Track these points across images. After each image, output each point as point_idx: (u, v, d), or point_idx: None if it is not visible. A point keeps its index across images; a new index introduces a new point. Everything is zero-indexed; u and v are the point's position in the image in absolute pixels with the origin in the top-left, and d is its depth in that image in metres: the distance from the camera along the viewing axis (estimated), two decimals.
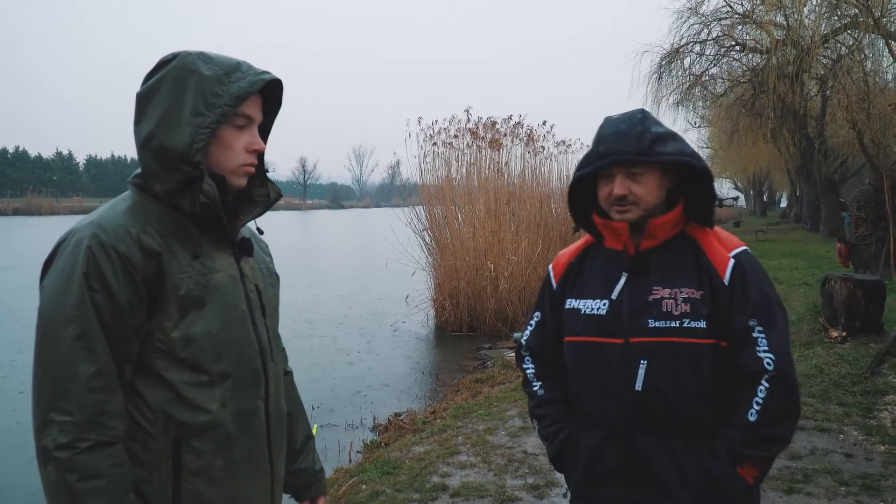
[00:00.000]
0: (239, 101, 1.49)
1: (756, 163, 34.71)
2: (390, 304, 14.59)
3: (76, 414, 1.33)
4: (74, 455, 1.32)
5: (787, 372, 1.67)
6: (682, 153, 1.75)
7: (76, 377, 1.34)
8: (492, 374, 8.35)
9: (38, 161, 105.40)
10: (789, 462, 4.57)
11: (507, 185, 13.23)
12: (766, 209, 57.33)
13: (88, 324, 1.36)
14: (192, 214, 1.50)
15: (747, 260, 1.75)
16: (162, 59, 1.53)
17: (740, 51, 21.85)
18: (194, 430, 1.44)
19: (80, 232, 1.42)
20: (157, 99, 1.48)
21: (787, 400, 1.68)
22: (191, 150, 1.45)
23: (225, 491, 1.50)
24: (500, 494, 4.34)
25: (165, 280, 1.43)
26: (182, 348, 1.44)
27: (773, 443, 1.68)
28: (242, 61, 1.55)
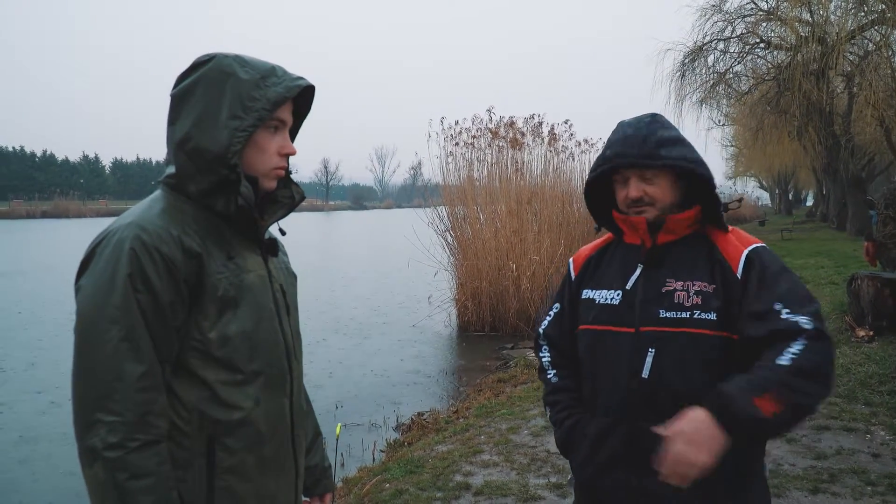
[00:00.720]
0: (276, 106, 1.52)
1: (781, 161, 34.35)
2: (413, 305, 14.64)
3: (126, 414, 1.34)
4: (125, 454, 1.33)
5: (827, 335, 1.62)
6: (684, 158, 1.78)
7: (123, 377, 1.35)
8: (514, 374, 8.35)
9: (65, 164, 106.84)
10: (815, 462, 4.54)
11: (528, 185, 13.21)
12: (792, 208, 56.74)
13: (134, 324, 1.37)
14: (224, 215, 1.52)
15: (763, 253, 1.75)
16: (197, 61, 1.54)
17: (765, 48, 21.62)
18: (228, 427, 1.47)
19: (119, 232, 1.43)
20: (194, 100, 1.50)
21: (824, 361, 1.59)
22: (228, 152, 1.47)
23: (255, 487, 1.53)
24: (523, 493, 4.35)
25: (205, 280, 1.45)
26: (218, 348, 1.46)
27: (800, 394, 1.55)
28: (277, 65, 1.57)
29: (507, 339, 11.44)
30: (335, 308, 15.03)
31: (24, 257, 26.26)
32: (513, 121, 13.14)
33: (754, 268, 1.73)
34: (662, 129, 1.81)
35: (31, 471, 6.06)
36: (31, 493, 5.65)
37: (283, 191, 1.65)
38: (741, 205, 1.88)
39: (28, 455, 6.40)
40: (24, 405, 7.87)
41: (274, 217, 1.63)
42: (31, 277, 19.80)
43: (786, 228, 29.31)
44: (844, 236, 24.25)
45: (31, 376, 9.12)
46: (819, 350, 1.59)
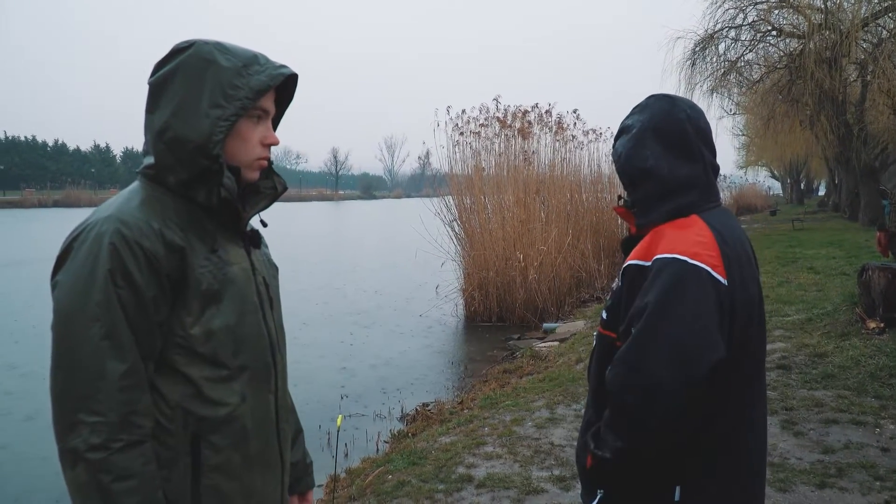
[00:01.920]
0: (259, 95, 1.48)
1: (793, 150, 34.01)
2: (420, 295, 14.59)
3: (109, 414, 1.31)
4: (108, 456, 1.30)
5: (612, 386, 1.61)
6: (613, 151, 1.85)
7: (105, 376, 1.31)
8: (520, 365, 8.31)
9: (76, 154, 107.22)
10: (822, 456, 4.47)
11: (535, 175, 13.13)
12: (804, 197, 56.26)
13: (115, 322, 1.33)
14: (206, 207, 1.48)
15: (657, 266, 1.61)
16: (176, 47, 1.49)
17: (777, 36, 21.37)
18: (214, 424, 1.44)
19: (98, 226, 1.38)
20: (173, 89, 1.45)
21: (612, 414, 1.63)
22: (210, 142, 1.43)
23: (242, 485, 1.49)
24: (526, 486, 4.32)
25: (188, 275, 1.41)
26: (202, 343, 1.43)
27: (602, 445, 1.65)
28: (259, 53, 1.53)
29: (514, 329, 11.39)
30: (342, 298, 15.03)
31: (39, 246, 26.37)
32: (521, 110, 13.05)
33: (629, 281, 1.69)
34: (629, 116, 1.82)
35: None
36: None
37: (265, 181, 1.61)
38: (621, 201, 1.83)
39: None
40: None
41: (256, 208, 1.59)
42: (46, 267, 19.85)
43: (797, 218, 29.04)
44: (857, 226, 24.01)
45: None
46: (612, 404, 1.63)
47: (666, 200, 1.72)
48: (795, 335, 7.79)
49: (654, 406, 1.54)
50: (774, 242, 20.18)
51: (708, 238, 1.64)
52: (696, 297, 1.56)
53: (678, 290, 1.56)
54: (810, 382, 6.03)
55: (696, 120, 1.77)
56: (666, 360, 1.52)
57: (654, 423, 1.55)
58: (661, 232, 1.68)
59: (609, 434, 1.62)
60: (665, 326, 1.54)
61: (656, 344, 1.54)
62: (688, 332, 1.54)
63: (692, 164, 1.74)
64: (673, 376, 1.52)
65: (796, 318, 8.69)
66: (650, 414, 1.54)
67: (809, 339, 7.48)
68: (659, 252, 1.62)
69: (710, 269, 1.58)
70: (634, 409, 1.56)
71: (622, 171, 1.79)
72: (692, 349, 1.53)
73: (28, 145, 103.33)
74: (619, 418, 1.60)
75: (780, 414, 5.29)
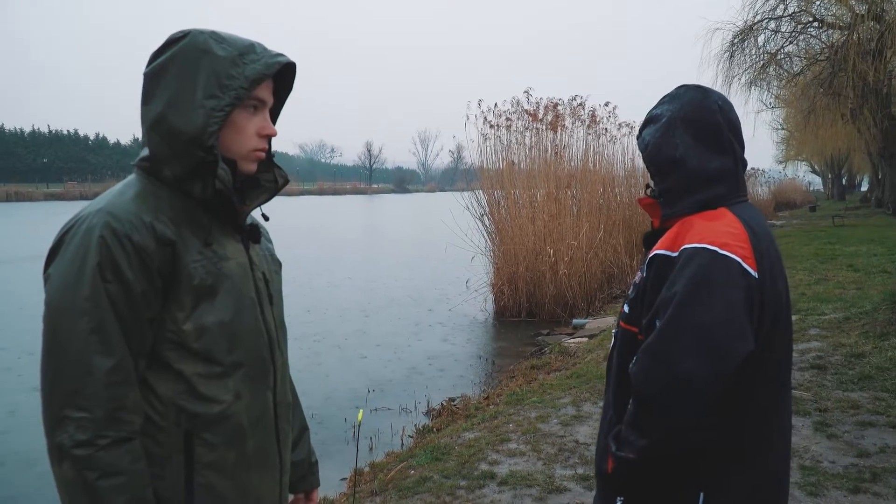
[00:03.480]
0: (254, 84, 1.44)
1: (834, 144, 33.31)
2: (450, 289, 14.57)
3: (94, 410, 1.29)
4: (94, 452, 1.28)
5: (638, 380, 1.54)
6: (640, 139, 1.78)
7: (92, 372, 1.29)
8: (548, 361, 8.22)
9: (116, 147, 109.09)
10: (856, 460, 4.33)
11: (567, 169, 12.98)
12: (845, 193, 54.99)
13: (103, 317, 1.31)
14: (201, 200, 1.45)
15: (684, 256, 1.56)
16: (171, 38, 1.46)
17: (818, 27, 20.85)
18: (207, 422, 1.41)
19: (89, 219, 1.36)
20: (167, 79, 1.41)
21: (636, 410, 1.56)
22: (204, 133, 1.39)
23: (237, 484, 1.46)
24: (549, 484, 4.26)
25: (180, 269, 1.38)
26: (195, 339, 1.40)
27: (622, 445, 1.59)
28: (256, 42, 1.49)
29: (543, 325, 11.28)
30: (371, 291, 15.08)
31: None
32: (552, 103, 12.89)
33: (655, 272, 1.63)
34: (659, 106, 1.78)
35: None
36: None
37: (266, 174, 1.57)
38: (648, 191, 1.76)
39: None
40: None
41: (256, 202, 1.55)
42: None
43: (838, 214, 28.39)
44: None
45: None
46: (636, 401, 1.57)
47: (695, 192, 1.68)
48: (832, 334, 7.59)
49: (681, 399, 1.48)
50: (813, 239, 19.75)
51: (739, 230, 1.59)
52: (726, 287, 1.51)
53: (707, 280, 1.51)
54: (846, 383, 5.86)
55: (728, 112, 1.73)
56: (694, 351, 1.47)
57: (682, 417, 1.49)
58: (690, 222, 1.63)
59: (631, 432, 1.56)
60: (693, 316, 1.49)
61: (684, 334, 1.49)
62: (717, 323, 1.48)
63: (722, 156, 1.70)
64: (701, 368, 1.46)
65: (833, 316, 8.47)
66: (677, 408, 1.48)
67: (846, 339, 7.28)
68: (687, 242, 1.57)
69: (741, 261, 1.54)
70: (660, 403, 1.50)
71: (650, 160, 1.74)
72: (721, 340, 1.47)
73: (70, 139, 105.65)
74: (643, 413, 1.54)
75: (814, 415, 5.15)
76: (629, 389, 1.62)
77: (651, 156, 1.73)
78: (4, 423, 6.74)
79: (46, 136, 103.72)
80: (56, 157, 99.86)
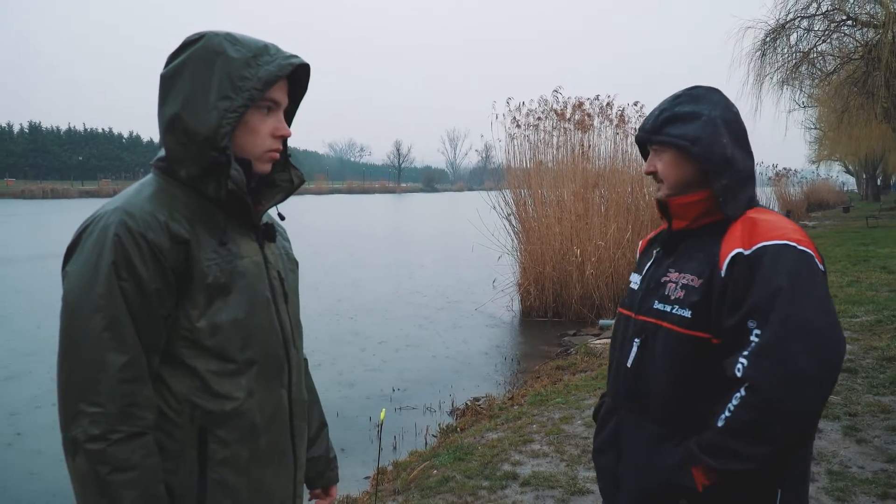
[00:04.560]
0: (267, 86, 1.46)
1: (869, 144, 32.65)
2: (476, 288, 14.56)
3: (108, 405, 1.31)
4: (107, 447, 1.30)
5: (761, 383, 1.47)
6: (681, 135, 1.70)
7: (106, 368, 1.32)
8: (574, 362, 8.19)
9: (150, 145, 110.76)
10: (886, 465, 4.26)
11: (595, 168, 12.90)
12: (880, 193, 53.89)
13: (118, 313, 1.34)
14: (216, 200, 1.47)
15: (770, 253, 1.54)
16: (187, 40, 1.48)
17: (852, 25, 20.45)
18: (220, 418, 1.43)
19: (105, 218, 1.39)
20: (182, 81, 1.44)
21: (757, 417, 1.47)
22: (217, 134, 1.42)
23: (250, 480, 1.48)
24: (571, 486, 4.25)
25: (193, 267, 1.41)
26: (208, 336, 1.42)
27: (731, 458, 1.50)
28: (270, 43, 1.51)
29: (569, 325, 11.24)
30: (398, 291, 15.13)
31: None
32: (580, 102, 12.82)
33: (742, 269, 1.56)
34: (686, 104, 1.74)
35: None
36: None
37: (282, 174, 1.59)
38: (715, 187, 1.69)
39: None
40: None
41: (272, 202, 1.57)
42: None
43: (872, 215, 27.88)
44: None
45: None
46: (752, 408, 1.48)
47: (744, 190, 1.70)
48: (863, 337, 7.47)
49: (808, 397, 1.47)
50: (846, 240, 19.40)
51: (797, 226, 1.62)
52: (820, 283, 1.55)
53: (804, 276, 1.52)
54: (877, 387, 5.76)
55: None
56: (811, 350, 1.47)
57: (808, 417, 1.49)
58: (752, 220, 1.63)
59: (743, 442, 1.49)
60: (802, 314, 1.48)
61: (799, 332, 1.47)
62: (825, 318, 1.50)
63: (750, 158, 1.75)
64: (820, 366, 1.46)
65: (865, 319, 8.33)
66: (805, 406, 1.47)
67: (878, 342, 7.16)
68: (762, 240, 1.57)
69: (814, 256, 1.57)
70: (790, 407, 1.46)
71: (704, 156, 1.68)
72: (830, 336, 1.49)
73: (105, 137, 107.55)
74: (770, 419, 1.47)
75: (843, 420, 5.07)
76: (692, 398, 1.61)
77: (705, 153, 1.68)
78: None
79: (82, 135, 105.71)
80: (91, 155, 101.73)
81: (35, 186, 77.24)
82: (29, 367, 8.59)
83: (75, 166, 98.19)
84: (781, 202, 38.11)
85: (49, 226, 33.27)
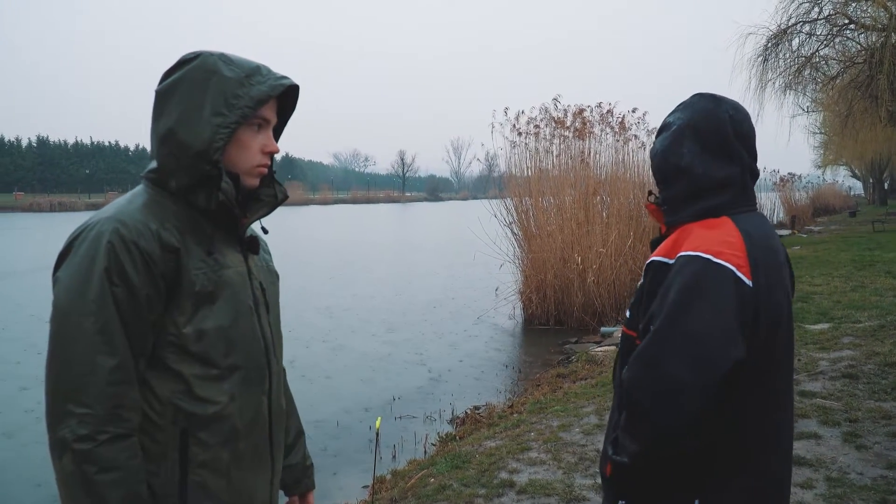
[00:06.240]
0: (259, 104, 1.53)
1: (874, 148, 32.53)
2: (479, 296, 14.56)
3: (96, 407, 1.34)
4: (94, 447, 1.33)
5: (628, 385, 1.56)
6: (653, 146, 1.78)
7: (95, 370, 1.35)
8: (574, 370, 8.16)
9: None
10: (886, 471, 4.23)
11: (595, 175, 12.89)
12: (887, 198, 53.68)
13: (109, 318, 1.37)
14: (205, 210, 1.52)
15: (679, 263, 1.57)
16: (183, 58, 1.55)
17: (854, 29, 20.43)
18: (202, 422, 1.46)
19: (98, 226, 1.43)
20: (178, 97, 1.50)
21: (629, 416, 1.57)
22: (210, 148, 1.48)
23: (229, 483, 1.51)
24: (568, 493, 4.23)
25: (182, 275, 1.45)
26: (194, 342, 1.46)
27: (620, 450, 1.61)
28: (262, 65, 1.58)
29: (571, 333, 11.21)
30: (400, 300, 15.13)
31: None
32: (580, 109, 12.84)
33: (651, 278, 1.64)
34: (673, 113, 1.78)
35: None
36: None
37: (267, 189, 1.65)
38: (651, 198, 1.72)
39: None
40: None
41: (256, 215, 1.63)
42: None
43: (878, 220, 27.73)
44: None
45: None
46: (627, 405, 1.56)
47: (697, 200, 1.68)
48: (866, 343, 7.43)
49: (671, 406, 1.48)
50: (851, 245, 19.33)
51: (736, 239, 1.59)
52: (718, 295, 1.51)
53: (699, 287, 1.52)
54: (879, 393, 5.72)
55: (740, 122, 1.73)
56: (684, 358, 1.48)
57: (671, 423, 1.49)
58: (689, 230, 1.64)
59: (625, 437, 1.58)
60: (684, 323, 1.50)
61: (674, 341, 1.50)
62: (708, 330, 1.49)
63: (729, 165, 1.69)
64: (691, 375, 1.47)
65: (868, 324, 8.29)
66: (666, 414, 1.49)
67: (881, 347, 7.12)
68: (683, 250, 1.58)
69: (735, 269, 1.54)
70: (650, 409, 1.51)
71: (657, 167, 1.75)
72: (712, 347, 1.48)
73: (112, 150, 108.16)
74: (634, 419, 1.55)
75: (843, 426, 5.03)
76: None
77: (657, 163, 1.75)
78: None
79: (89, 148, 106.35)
80: (98, 169, 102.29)
81: (43, 200, 77.71)
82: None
83: (82, 179, 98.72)
84: (787, 207, 38.00)
85: (59, 238, 33.39)
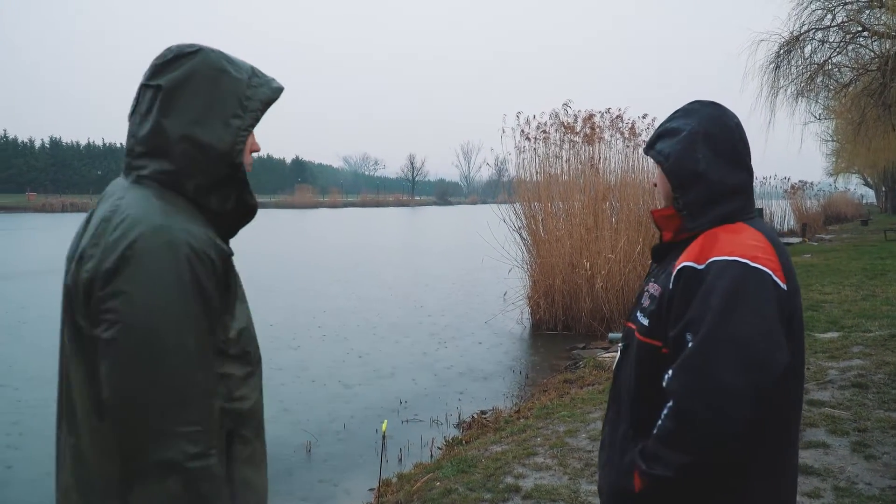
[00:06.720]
0: (266, 107, 1.55)
1: (887, 156, 32.27)
2: (487, 301, 14.54)
3: (203, 423, 1.32)
4: (208, 465, 1.31)
5: (679, 395, 1.51)
6: (659, 151, 1.78)
7: (197, 386, 1.33)
8: (582, 375, 8.14)
9: None
10: (894, 482, 4.19)
11: (604, 181, 12.86)
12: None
13: (200, 332, 1.35)
14: (217, 213, 1.51)
15: (715, 269, 1.56)
16: (181, 51, 1.48)
17: (867, 37, 20.32)
18: (242, 417, 1.48)
19: (161, 235, 1.34)
20: (190, 94, 1.45)
21: (676, 426, 1.51)
22: (233, 150, 1.48)
23: (262, 477, 1.54)
24: (573, 499, 4.22)
25: (230, 280, 1.47)
26: (234, 344, 1.47)
27: (657, 464, 1.55)
28: (253, 65, 1.59)
29: (579, 338, 11.18)
30: (409, 304, 15.13)
31: None
32: (590, 114, 12.81)
33: (684, 284, 1.60)
34: (677, 119, 1.79)
35: None
36: None
37: None
38: (669, 203, 1.70)
39: None
40: None
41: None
42: None
43: (891, 228, 27.54)
44: None
45: None
46: (673, 417, 1.52)
47: (715, 205, 1.70)
48: (876, 352, 7.37)
49: (725, 414, 1.46)
50: (863, 254, 19.22)
51: (765, 243, 1.61)
52: (760, 299, 1.52)
53: (742, 292, 1.52)
54: (888, 403, 5.68)
55: (742, 130, 1.78)
56: (735, 365, 1.46)
57: (726, 432, 1.47)
58: (714, 235, 1.65)
59: (667, 450, 1.53)
60: (731, 329, 1.49)
61: (723, 348, 1.48)
62: (755, 335, 1.48)
63: (740, 171, 1.74)
64: (743, 381, 1.45)
65: (879, 333, 8.23)
66: (721, 423, 1.46)
67: (891, 357, 7.07)
68: (715, 255, 1.58)
69: (772, 273, 1.55)
70: (704, 419, 1.47)
71: (671, 172, 1.74)
72: (761, 352, 1.47)
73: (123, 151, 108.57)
74: (685, 430, 1.50)
75: (852, 435, 5.00)
76: (648, 403, 1.63)
77: (673, 168, 1.74)
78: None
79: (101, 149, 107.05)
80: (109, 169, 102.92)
81: (55, 200, 78.30)
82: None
83: (94, 180, 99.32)
84: (798, 215, 37.79)
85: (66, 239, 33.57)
